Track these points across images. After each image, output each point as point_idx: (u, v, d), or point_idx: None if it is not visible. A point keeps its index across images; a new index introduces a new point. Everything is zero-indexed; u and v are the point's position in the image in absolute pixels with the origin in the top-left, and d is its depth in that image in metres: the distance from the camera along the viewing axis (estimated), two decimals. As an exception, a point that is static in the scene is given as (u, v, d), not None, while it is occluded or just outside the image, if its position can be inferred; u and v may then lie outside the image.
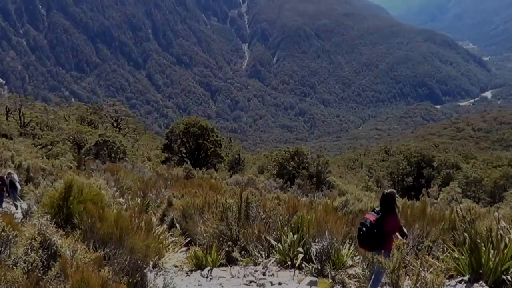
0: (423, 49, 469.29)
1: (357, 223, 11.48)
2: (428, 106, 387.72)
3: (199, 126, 46.61)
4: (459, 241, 9.13)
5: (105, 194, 14.74)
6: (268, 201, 14.72)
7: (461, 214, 11.11)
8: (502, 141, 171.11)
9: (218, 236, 12.81)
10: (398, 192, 45.95)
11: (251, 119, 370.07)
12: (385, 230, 9.46)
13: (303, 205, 15.48)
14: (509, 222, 9.82)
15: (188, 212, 14.92)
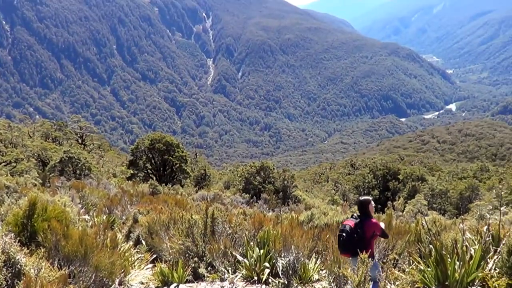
0: (387, 62, 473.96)
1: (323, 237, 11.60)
2: (393, 119, 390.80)
3: (164, 142, 46.45)
4: (425, 253, 9.20)
5: (70, 211, 14.61)
6: (234, 216, 14.70)
7: (427, 226, 11.22)
8: (467, 153, 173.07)
9: (184, 252, 12.76)
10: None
11: (216, 134, 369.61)
12: (365, 235, 9.65)
13: (269, 219, 15.51)
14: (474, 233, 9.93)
15: (154, 229, 14.84)
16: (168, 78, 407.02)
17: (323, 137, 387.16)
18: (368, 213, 10.10)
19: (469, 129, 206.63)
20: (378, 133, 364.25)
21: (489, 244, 9.12)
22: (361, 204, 10.22)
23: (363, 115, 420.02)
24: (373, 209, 10.36)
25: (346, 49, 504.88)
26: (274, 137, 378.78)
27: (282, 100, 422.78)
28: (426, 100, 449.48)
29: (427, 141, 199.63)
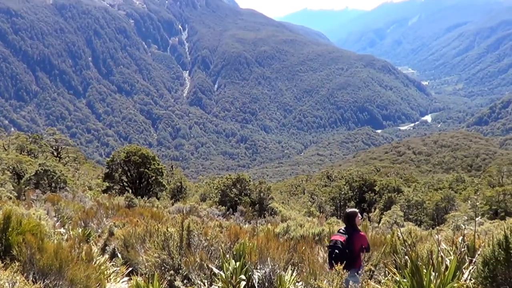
0: (363, 74, 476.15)
1: (299, 248, 11.61)
2: (369, 131, 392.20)
3: (140, 154, 46.29)
4: (401, 264, 9.24)
5: (45, 224, 14.54)
6: (210, 229, 14.67)
7: (402, 237, 11.27)
8: (442, 164, 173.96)
9: (160, 265, 12.72)
10: (341, 217, 46.27)
11: (192, 147, 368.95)
12: (354, 248, 9.73)
13: (245, 232, 15.52)
14: (450, 244, 9.99)
15: (130, 242, 14.79)
16: (144, 90, 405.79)
17: (299, 149, 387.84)
18: (355, 225, 10.19)
19: (445, 140, 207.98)
20: (354, 145, 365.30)
21: (464, 254, 9.18)
22: (348, 217, 10.29)
23: (339, 127, 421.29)
24: (359, 222, 10.43)
25: (322, 61, 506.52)
26: (250, 149, 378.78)
27: (258, 112, 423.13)
28: (402, 112, 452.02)
29: (403, 153, 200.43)
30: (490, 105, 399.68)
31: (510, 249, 7.95)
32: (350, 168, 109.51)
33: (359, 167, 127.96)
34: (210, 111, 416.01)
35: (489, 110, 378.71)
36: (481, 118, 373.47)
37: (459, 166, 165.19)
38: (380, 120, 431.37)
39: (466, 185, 70.01)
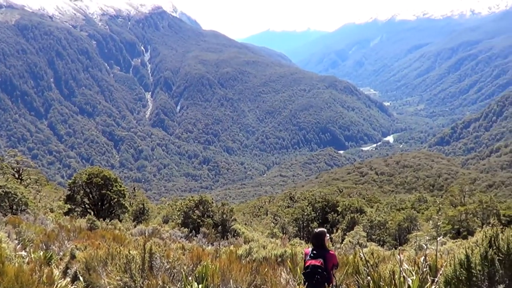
0: (325, 95, 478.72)
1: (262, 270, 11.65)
2: (332, 152, 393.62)
3: (102, 176, 45.99)
4: (363, 285, 9.31)
5: (6, 247, 14.42)
6: (172, 251, 14.66)
7: (364, 258, 11.35)
8: (405, 184, 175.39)
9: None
10: (304, 238, 46.34)
11: (155, 168, 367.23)
12: (328, 269, 9.81)
13: (207, 254, 15.50)
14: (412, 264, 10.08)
15: (92, 265, 14.70)
16: (106, 111, 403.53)
17: (262, 170, 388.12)
18: (325, 245, 10.23)
19: (407, 161, 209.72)
20: (317, 166, 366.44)
21: (426, 274, 9.26)
22: (318, 236, 10.32)
23: (301, 148, 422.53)
24: (328, 241, 10.48)
25: (284, 82, 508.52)
26: (213, 171, 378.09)
27: (220, 133, 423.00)
28: (364, 133, 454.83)
29: (365, 173, 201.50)
30: (452, 125, 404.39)
31: (472, 268, 8.05)
32: (313, 189, 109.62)
33: (322, 188, 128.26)
34: (173, 133, 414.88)
35: (450, 130, 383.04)
36: (442, 138, 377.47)
37: (421, 186, 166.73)
38: (342, 141, 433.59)
39: (428, 205, 70.61)
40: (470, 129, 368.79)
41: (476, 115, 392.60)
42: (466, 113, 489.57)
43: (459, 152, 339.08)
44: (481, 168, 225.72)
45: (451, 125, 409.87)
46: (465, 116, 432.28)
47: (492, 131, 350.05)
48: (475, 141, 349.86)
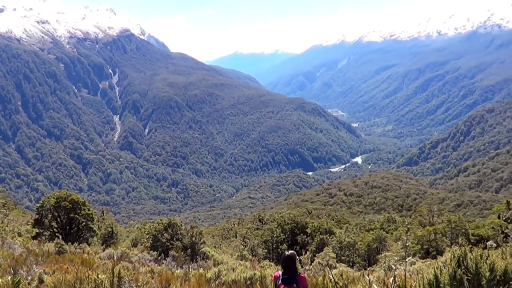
0: (293, 117, 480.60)
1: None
2: (300, 173, 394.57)
3: (70, 200, 45.74)
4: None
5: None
6: (141, 275, 14.67)
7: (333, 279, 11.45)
8: (373, 205, 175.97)
9: (91, 312, 12.67)
10: (273, 260, 46.38)
11: (123, 192, 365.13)
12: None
13: (177, 277, 15.55)
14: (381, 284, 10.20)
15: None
16: (74, 135, 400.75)
17: (231, 193, 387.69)
18: (295, 267, 10.31)
19: (375, 181, 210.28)
20: (286, 187, 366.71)
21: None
22: (288, 259, 10.41)
23: (270, 170, 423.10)
24: (297, 263, 10.57)
25: (253, 105, 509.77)
26: (181, 194, 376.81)
27: (189, 156, 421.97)
28: (333, 154, 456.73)
29: (334, 194, 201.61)
30: (420, 145, 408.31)
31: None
32: (282, 211, 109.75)
33: (291, 209, 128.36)
34: (141, 156, 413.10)
35: (418, 150, 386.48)
36: (411, 158, 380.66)
37: (390, 206, 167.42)
38: (311, 162, 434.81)
39: (397, 225, 70.97)
40: (438, 149, 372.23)
41: (443, 135, 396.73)
42: (433, 133, 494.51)
43: (427, 172, 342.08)
44: (449, 188, 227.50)
45: (419, 145, 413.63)
46: (432, 137, 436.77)
47: (459, 151, 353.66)
48: (443, 161, 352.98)
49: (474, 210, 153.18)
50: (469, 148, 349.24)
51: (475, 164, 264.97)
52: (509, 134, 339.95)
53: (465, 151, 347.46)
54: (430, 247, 45.03)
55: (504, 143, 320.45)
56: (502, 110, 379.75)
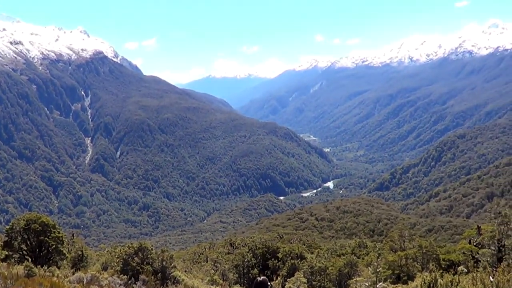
0: (265, 141, 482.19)
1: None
2: (272, 198, 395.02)
3: (40, 222, 45.43)
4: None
5: None
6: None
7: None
8: (345, 230, 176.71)
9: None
10: (244, 285, 46.33)
11: (94, 214, 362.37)
12: None
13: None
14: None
15: (29, 312, 14.63)
16: (46, 156, 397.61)
17: (202, 217, 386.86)
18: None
19: (347, 206, 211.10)
20: (257, 212, 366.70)
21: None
22: (260, 285, 10.44)
23: (242, 194, 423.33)
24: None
25: (225, 129, 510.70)
26: (152, 217, 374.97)
27: (161, 179, 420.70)
28: (304, 178, 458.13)
29: (305, 219, 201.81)
30: (391, 170, 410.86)
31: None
32: (253, 235, 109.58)
33: (262, 234, 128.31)
34: (112, 178, 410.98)
35: (390, 175, 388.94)
36: (382, 183, 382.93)
37: (361, 231, 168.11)
38: (282, 187, 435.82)
39: (368, 250, 71.16)
40: (409, 174, 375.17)
41: (415, 161, 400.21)
42: (405, 158, 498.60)
43: (399, 197, 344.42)
44: (420, 213, 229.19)
45: (391, 170, 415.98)
46: (404, 162, 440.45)
47: (431, 176, 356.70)
48: (414, 186, 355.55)
49: (445, 235, 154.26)
50: (440, 173, 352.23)
51: (446, 189, 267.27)
52: (480, 160, 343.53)
53: (436, 176, 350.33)
54: (401, 272, 45.28)
55: (475, 169, 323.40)
56: (473, 136, 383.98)
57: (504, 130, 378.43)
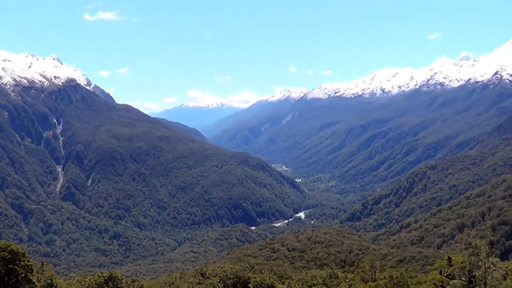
0: (237, 171, 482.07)
1: None
2: (243, 228, 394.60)
3: (9, 250, 45.24)
4: None
5: None
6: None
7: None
8: (316, 260, 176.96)
9: None
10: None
11: (64, 243, 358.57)
12: None
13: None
14: None
15: None
16: (16, 184, 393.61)
17: (173, 246, 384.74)
18: None
19: (318, 237, 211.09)
20: (229, 242, 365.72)
21: None
22: None
23: (213, 224, 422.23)
24: None
25: (197, 158, 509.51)
26: (123, 246, 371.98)
27: (132, 208, 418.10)
28: (276, 209, 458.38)
29: (277, 249, 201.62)
30: (363, 201, 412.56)
31: None
32: (224, 265, 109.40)
33: (234, 264, 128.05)
34: (83, 207, 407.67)
35: (361, 206, 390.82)
36: (353, 214, 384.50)
37: (332, 262, 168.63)
38: (254, 217, 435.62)
39: (339, 280, 71.43)
40: (381, 205, 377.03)
41: (386, 191, 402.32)
42: (376, 189, 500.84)
43: (370, 228, 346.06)
44: (391, 244, 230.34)
45: (362, 201, 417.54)
46: (375, 193, 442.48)
47: (402, 207, 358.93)
48: (385, 217, 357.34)
49: (416, 266, 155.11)
50: (411, 204, 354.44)
51: (417, 220, 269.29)
52: (451, 191, 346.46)
53: (408, 207, 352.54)
54: (373, 302, 45.54)
55: (446, 200, 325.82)
56: (444, 167, 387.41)
57: (475, 162, 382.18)
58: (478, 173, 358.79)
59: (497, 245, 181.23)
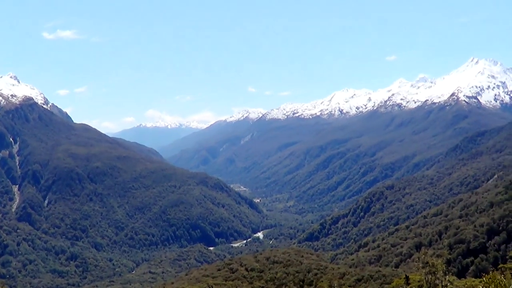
0: (196, 192, 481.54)
1: None
2: (202, 248, 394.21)
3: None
4: None
5: None
6: None
7: None
8: (275, 280, 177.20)
9: None
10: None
11: (20, 264, 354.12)
12: None
13: None
14: None
15: None
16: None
17: (131, 267, 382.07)
18: None
19: (277, 257, 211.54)
20: (187, 262, 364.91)
21: None
22: None
23: (171, 244, 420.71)
24: None
25: (155, 178, 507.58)
26: (80, 267, 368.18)
27: (89, 229, 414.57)
28: (234, 229, 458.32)
29: (235, 269, 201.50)
30: (321, 221, 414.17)
31: None
32: (182, 286, 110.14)
33: (192, 284, 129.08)
34: (40, 227, 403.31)
35: (319, 226, 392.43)
36: (312, 234, 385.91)
37: (291, 281, 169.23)
38: (212, 237, 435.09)
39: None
40: (339, 224, 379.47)
41: (344, 211, 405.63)
42: (334, 209, 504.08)
43: (328, 247, 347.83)
44: (350, 263, 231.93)
45: (320, 221, 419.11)
46: (333, 212, 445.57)
47: (360, 226, 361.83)
48: (343, 237, 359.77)
49: (375, 285, 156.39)
50: (369, 223, 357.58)
51: (375, 239, 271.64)
52: (408, 210, 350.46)
53: (365, 226, 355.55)
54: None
55: (403, 219, 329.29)
56: (401, 187, 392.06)
57: (432, 182, 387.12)
58: (435, 193, 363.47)
59: (454, 263, 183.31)
